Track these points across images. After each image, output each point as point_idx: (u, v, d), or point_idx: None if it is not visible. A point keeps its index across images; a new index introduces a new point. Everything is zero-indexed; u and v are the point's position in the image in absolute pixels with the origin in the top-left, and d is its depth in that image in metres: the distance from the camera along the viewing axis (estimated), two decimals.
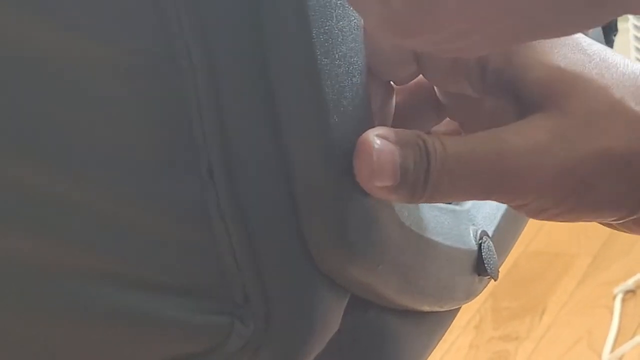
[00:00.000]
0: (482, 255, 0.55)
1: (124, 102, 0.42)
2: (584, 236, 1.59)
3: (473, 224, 0.57)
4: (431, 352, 0.57)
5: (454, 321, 0.62)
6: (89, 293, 0.45)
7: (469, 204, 0.58)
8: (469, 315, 1.44)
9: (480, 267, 0.55)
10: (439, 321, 0.57)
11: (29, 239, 0.44)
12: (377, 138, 0.42)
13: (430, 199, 0.44)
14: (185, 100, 0.41)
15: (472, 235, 0.56)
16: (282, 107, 0.42)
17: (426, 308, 0.53)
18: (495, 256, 0.57)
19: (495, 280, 0.57)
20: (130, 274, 0.45)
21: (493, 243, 0.57)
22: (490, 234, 0.57)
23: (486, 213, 0.58)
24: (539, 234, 1.58)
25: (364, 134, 0.42)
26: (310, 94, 0.41)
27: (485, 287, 0.59)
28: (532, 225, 1.56)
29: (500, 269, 0.58)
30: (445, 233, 0.52)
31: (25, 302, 0.45)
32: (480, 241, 0.56)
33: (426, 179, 0.42)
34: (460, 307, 0.60)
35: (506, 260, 0.61)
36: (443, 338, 0.61)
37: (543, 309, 1.45)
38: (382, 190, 0.42)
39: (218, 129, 0.42)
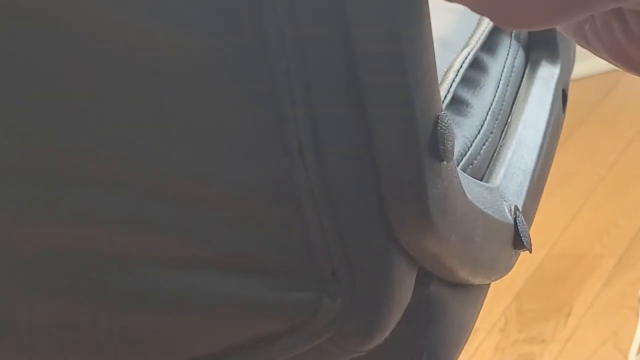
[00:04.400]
0: (518, 229, 0.57)
1: (218, 87, 0.42)
2: (609, 237, 1.58)
3: (505, 200, 0.58)
4: (475, 321, 0.59)
5: (479, 324, 0.63)
6: (180, 280, 0.45)
7: (498, 181, 0.60)
8: (494, 318, 1.43)
9: (517, 240, 0.57)
10: (480, 294, 0.59)
11: (123, 231, 0.44)
12: None
13: None
14: (276, 82, 0.42)
15: (507, 210, 0.57)
16: (367, 85, 0.43)
17: (478, 280, 0.55)
18: (527, 230, 0.58)
19: (530, 252, 0.59)
20: (220, 257, 0.45)
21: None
22: (520, 208, 0.59)
23: (514, 189, 0.60)
24: (563, 236, 1.58)
25: None
26: (394, 71, 0.42)
27: (516, 260, 0.60)
28: (556, 227, 1.57)
29: (525, 271, 0.60)
30: (490, 207, 0.54)
31: (119, 292, 0.45)
32: (514, 215, 0.57)
33: None
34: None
35: (530, 262, 0.63)
36: (468, 342, 0.62)
37: (568, 311, 1.45)
38: None
39: (308, 109, 0.42)
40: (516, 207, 0.58)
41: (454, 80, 0.58)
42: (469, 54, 0.61)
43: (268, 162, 0.43)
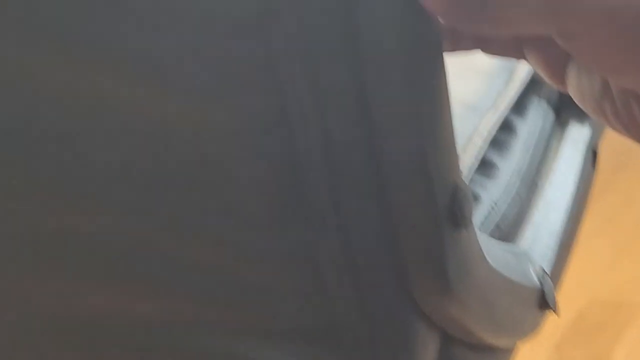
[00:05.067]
0: (544, 291, 0.57)
1: (242, 160, 0.43)
2: None
3: (531, 262, 0.59)
4: None
5: None
6: (206, 343, 0.46)
7: (524, 243, 0.60)
8: None
9: (543, 302, 0.57)
10: (506, 356, 0.59)
11: (151, 297, 0.45)
12: None
13: (489, 19, 0.39)
14: (298, 156, 0.43)
15: (533, 273, 0.58)
16: (385, 156, 0.43)
17: (502, 343, 0.55)
18: (553, 291, 0.59)
19: (556, 314, 0.59)
20: (244, 322, 0.46)
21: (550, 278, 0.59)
22: (547, 271, 0.59)
23: (541, 251, 0.60)
24: (603, 284, 1.57)
25: None
26: (412, 140, 0.43)
27: (543, 321, 0.61)
28: (596, 275, 1.56)
29: (564, 321, 0.60)
30: (514, 271, 0.54)
31: (147, 356, 0.47)
32: (541, 278, 0.58)
33: None
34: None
35: (570, 311, 0.63)
36: None
37: None
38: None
39: (330, 183, 0.43)
40: (543, 269, 0.58)
41: (481, 147, 0.58)
42: (495, 116, 0.62)
43: (293, 234, 0.44)
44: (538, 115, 0.70)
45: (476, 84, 0.65)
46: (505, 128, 0.66)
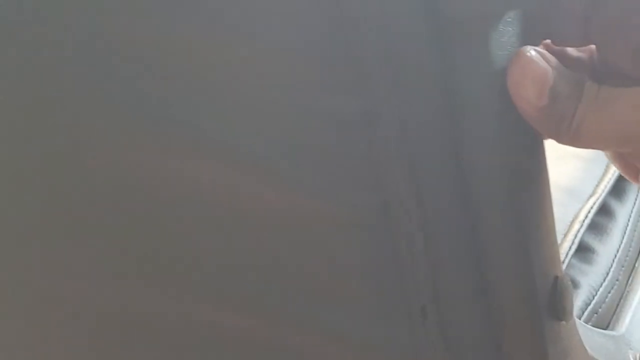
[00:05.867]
0: None
1: (341, 251, 0.45)
2: None
3: (630, 348, 0.59)
4: None
5: None
6: None
7: (623, 329, 0.60)
8: None
9: None
10: None
11: None
12: (533, 50, 0.41)
13: (572, 139, 0.42)
14: (398, 248, 0.44)
15: (632, 358, 0.58)
16: (488, 253, 0.44)
17: None
18: None
19: None
20: None
21: None
22: None
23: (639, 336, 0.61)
24: None
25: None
26: (515, 238, 0.44)
27: None
28: None
29: None
30: (613, 357, 0.55)
31: None
32: None
33: (575, 113, 0.41)
34: None
35: None
36: None
37: None
38: (525, 107, 0.41)
39: (430, 273, 0.44)
40: None
41: (579, 231, 0.59)
42: (595, 202, 0.63)
43: (390, 323, 0.45)
44: (637, 197, 0.70)
45: (576, 168, 0.66)
46: (604, 212, 0.66)
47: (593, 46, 0.45)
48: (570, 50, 0.46)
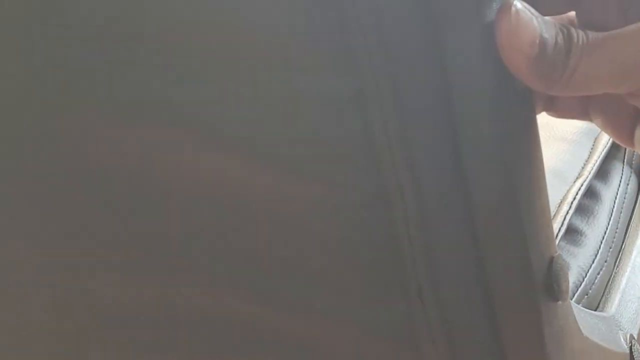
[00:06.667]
0: (633, 357, 0.57)
1: (338, 234, 0.44)
2: None
3: (620, 329, 0.59)
4: None
5: None
6: None
7: (613, 310, 0.60)
8: None
9: None
10: None
11: None
12: (519, 3, 0.40)
13: (565, 88, 0.41)
14: (394, 230, 0.44)
15: (622, 339, 0.58)
16: (484, 233, 0.44)
17: None
18: None
19: None
20: None
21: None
22: (635, 336, 0.59)
23: (629, 317, 0.60)
24: None
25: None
26: (510, 219, 0.44)
27: None
28: None
29: None
30: (605, 339, 0.54)
31: None
32: (630, 344, 0.58)
33: (565, 61, 0.41)
34: None
35: None
36: None
37: None
38: (518, 58, 0.40)
39: (426, 254, 0.44)
40: (632, 336, 0.58)
41: (567, 212, 0.59)
42: (582, 184, 0.62)
43: (388, 305, 0.45)
44: (621, 180, 0.70)
45: (562, 150, 0.66)
46: (590, 194, 0.66)
47: (571, 13, 0.46)
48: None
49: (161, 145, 0.43)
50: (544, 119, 0.70)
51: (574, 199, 0.60)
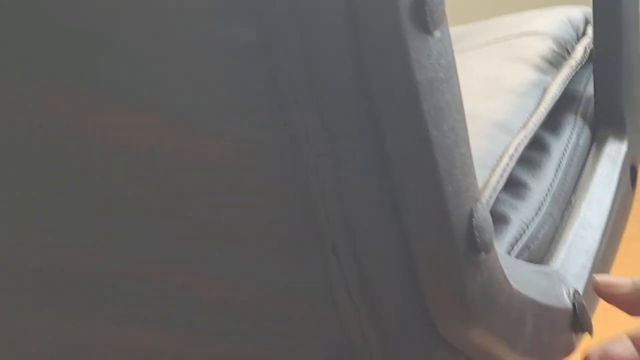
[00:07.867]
0: (577, 313, 0.56)
1: (251, 190, 0.42)
2: None
3: (564, 283, 0.57)
4: None
5: None
6: None
7: (558, 264, 0.58)
8: None
9: (577, 324, 0.55)
10: None
11: (151, 330, 0.45)
12: None
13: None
14: (307, 184, 0.42)
15: (565, 294, 0.56)
16: (399, 182, 0.42)
17: None
18: (588, 313, 0.57)
19: (591, 336, 0.57)
20: (256, 356, 0.45)
21: (584, 299, 0.57)
22: (580, 291, 0.57)
23: (575, 272, 0.59)
24: None
25: None
26: (425, 167, 0.42)
27: (580, 342, 0.59)
28: None
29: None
30: (544, 294, 0.52)
31: None
32: (573, 299, 0.56)
33: None
34: None
35: (610, 330, 0.61)
36: None
37: None
38: None
39: (340, 208, 0.42)
40: (576, 291, 0.56)
41: (507, 164, 0.57)
42: (525, 135, 0.60)
43: (302, 262, 0.43)
44: (573, 132, 0.68)
45: (508, 103, 0.64)
46: (537, 146, 0.64)
47: None
48: None
49: (71, 106, 0.42)
50: (494, 72, 0.68)
51: (515, 150, 0.58)
